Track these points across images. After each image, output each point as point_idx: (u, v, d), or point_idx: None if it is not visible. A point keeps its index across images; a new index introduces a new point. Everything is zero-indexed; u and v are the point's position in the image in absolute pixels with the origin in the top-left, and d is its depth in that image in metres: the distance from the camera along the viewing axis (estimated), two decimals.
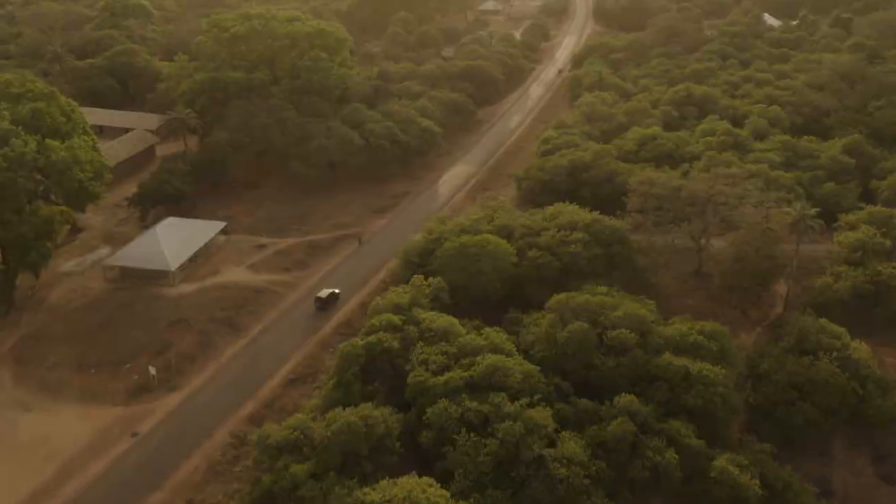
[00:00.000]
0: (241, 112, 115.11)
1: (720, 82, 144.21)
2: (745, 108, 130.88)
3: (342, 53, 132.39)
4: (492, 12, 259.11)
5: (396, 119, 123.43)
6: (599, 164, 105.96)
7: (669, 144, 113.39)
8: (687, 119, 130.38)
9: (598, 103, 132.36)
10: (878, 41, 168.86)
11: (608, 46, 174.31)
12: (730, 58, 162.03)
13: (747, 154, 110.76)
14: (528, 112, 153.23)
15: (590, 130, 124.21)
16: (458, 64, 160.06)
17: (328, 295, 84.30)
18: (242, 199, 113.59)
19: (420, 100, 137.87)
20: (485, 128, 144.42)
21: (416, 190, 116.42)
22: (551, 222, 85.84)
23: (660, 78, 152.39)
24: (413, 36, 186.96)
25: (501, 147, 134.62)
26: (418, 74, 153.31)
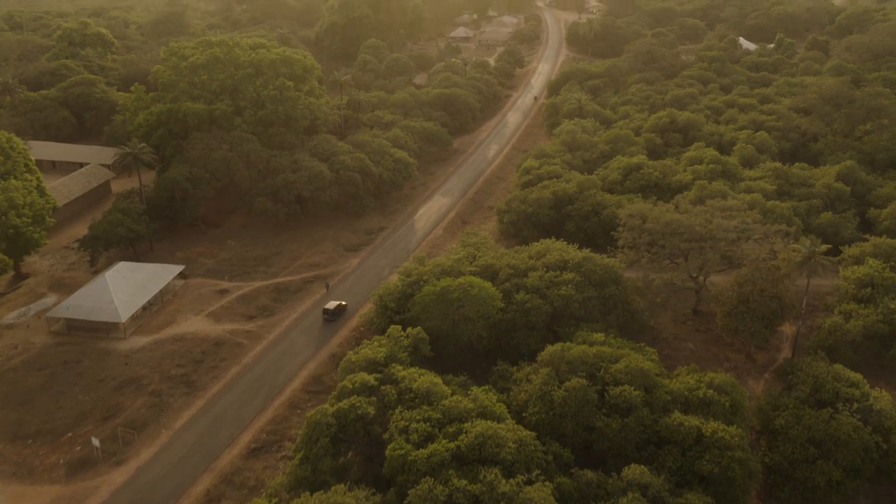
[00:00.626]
0: (201, 145, 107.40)
1: (702, 108, 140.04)
2: (730, 134, 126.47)
3: (310, 82, 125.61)
4: (463, 39, 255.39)
5: (368, 150, 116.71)
6: (584, 195, 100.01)
7: (656, 174, 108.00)
8: (671, 146, 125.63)
9: (579, 131, 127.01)
10: (858, 64, 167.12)
11: (585, 72, 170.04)
12: (710, 83, 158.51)
13: (738, 183, 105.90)
14: (507, 140, 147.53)
15: (571, 160, 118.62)
16: (431, 92, 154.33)
17: (336, 307, 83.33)
18: (203, 238, 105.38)
19: (393, 129, 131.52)
20: (462, 157, 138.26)
21: (391, 225, 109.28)
22: (539, 261, 79.19)
23: (640, 104, 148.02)
24: (384, 63, 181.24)
25: (480, 177, 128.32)
26: (390, 103, 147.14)
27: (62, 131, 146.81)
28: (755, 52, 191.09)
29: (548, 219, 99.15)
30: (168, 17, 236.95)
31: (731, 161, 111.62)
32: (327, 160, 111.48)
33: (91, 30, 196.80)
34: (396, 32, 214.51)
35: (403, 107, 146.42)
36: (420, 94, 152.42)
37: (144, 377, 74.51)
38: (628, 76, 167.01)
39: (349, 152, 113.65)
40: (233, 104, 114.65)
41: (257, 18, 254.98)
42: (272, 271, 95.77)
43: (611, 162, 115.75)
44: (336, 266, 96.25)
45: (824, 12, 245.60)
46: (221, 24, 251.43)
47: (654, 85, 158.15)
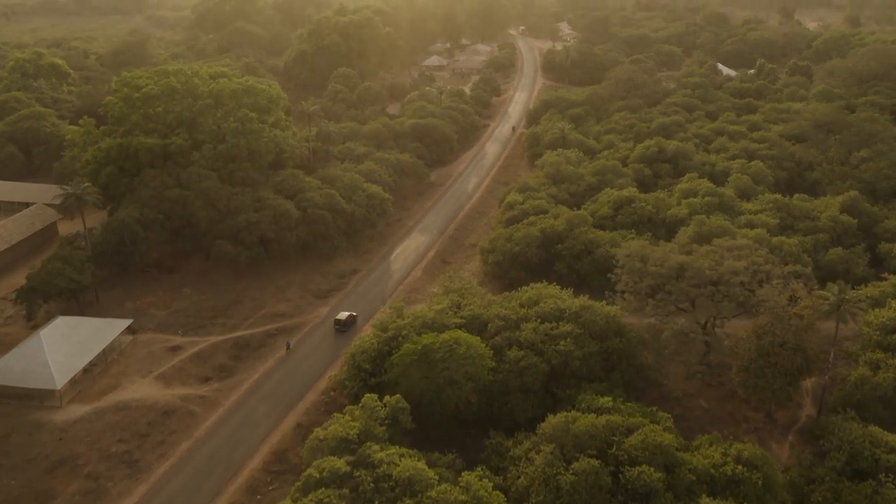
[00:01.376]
0: (154, 183, 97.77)
1: (690, 136, 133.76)
2: (722, 163, 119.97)
3: (275, 113, 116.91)
4: (436, 68, 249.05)
5: (339, 185, 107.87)
6: (575, 233, 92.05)
7: (649, 208, 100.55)
8: (661, 177, 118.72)
9: (563, 162, 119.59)
10: (844, 89, 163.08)
11: (565, 101, 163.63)
12: (695, 110, 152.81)
13: (736, 217, 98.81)
14: (486, 172, 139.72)
15: (557, 193, 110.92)
16: (405, 122, 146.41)
17: (347, 317, 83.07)
18: (156, 286, 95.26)
19: (365, 162, 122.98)
20: (440, 191, 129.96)
21: (365, 267, 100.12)
22: (531, 310, 70.61)
23: (624, 133, 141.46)
24: (355, 93, 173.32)
25: (459, 212, 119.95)
26: (362, 134, 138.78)
27: (9, 168, 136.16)
28: (737, 78, 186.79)
29: (536, 258, 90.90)
30: (129, 47, 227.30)
31: (727, 193, 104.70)
32: (294, 197, 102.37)
33: (45, 60, 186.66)
34: (368, 61, 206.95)
35: (376, 138, 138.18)
36: (394, 125, 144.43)
37: (80, 456, 64.25)
38: (610, 104, 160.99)
39: (318, 188, 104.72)
40: (190, 138, 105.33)
41: (224, 48, 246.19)
42: (231, 323, 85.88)
43: (599, 195, 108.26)
44: (303, 316, 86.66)
45: (801, 38, 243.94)
46: (185, 54, 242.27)
47: (637, 113, 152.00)
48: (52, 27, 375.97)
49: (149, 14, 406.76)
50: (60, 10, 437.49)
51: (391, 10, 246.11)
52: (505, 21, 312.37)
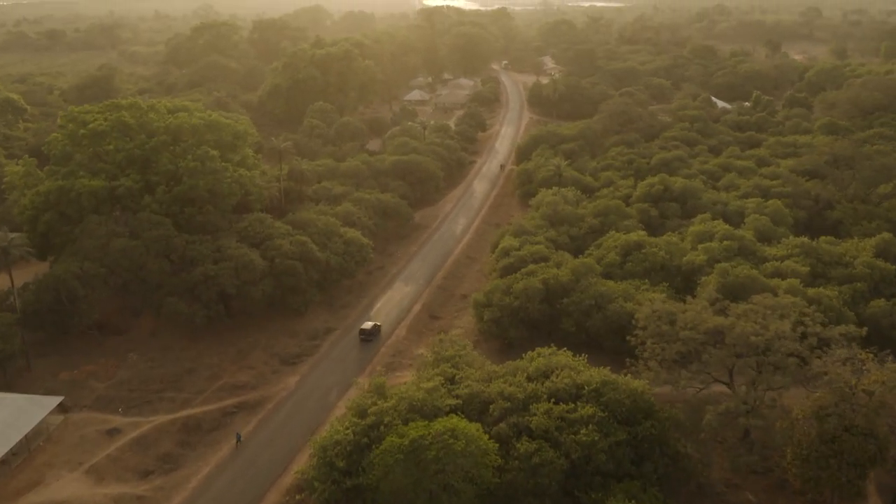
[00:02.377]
0: (98, 232, 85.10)
1: (695, 172, 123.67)
2: (735, 202, 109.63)
3: (242, 150, 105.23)
4: (418, 102, 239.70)
5: (313, 231, 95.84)
6: (582, 285, 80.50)
7: (661, 254, 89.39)
8: (669, 218, 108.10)
9: (561, 202, 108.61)
10: (848, 121, 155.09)
11: (557, 135, 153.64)
12: (696, 144, 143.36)
13: (761, 263, 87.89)
14: (475, 213, 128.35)
15: (556, 237, 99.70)
16: (387, 159, 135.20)
17: (372, 327, 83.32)
18: (99, 352, 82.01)
19: (343, 203, 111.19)
20: (425, 234, 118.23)
21: (341, 324, 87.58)
22: (542, 386, 58.45)
23: (623, 169, 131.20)
24: (333, 128, 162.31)
25: (448, 258, 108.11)
26: (340, 172, 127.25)
27: None
28: (734, 110, 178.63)
29: (538, 314, 79.13)
30: (94, 82, 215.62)
31: (747, 236, 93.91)
32: (260, 245, 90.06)
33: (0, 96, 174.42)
34: (347, 95, 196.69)
35: (355, 177, 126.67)
36: (374, 162, 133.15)
37: None
38: (604, 138, 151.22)
39: (288, 235, 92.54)
40: (142, 179, 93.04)
41: (195, 82, 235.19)
42: (182, 398, 72.71)
43: (604, 239, 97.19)
44: (267, 388, 73.68)
45: (792, 69, 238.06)
46: (155, 89, 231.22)
47: (635, 147, 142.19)
48: (21, 62, 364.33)
49: (122, 49, 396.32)
50: (31, 46, 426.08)
51: (371, 43, 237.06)
52: (487, 55, 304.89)
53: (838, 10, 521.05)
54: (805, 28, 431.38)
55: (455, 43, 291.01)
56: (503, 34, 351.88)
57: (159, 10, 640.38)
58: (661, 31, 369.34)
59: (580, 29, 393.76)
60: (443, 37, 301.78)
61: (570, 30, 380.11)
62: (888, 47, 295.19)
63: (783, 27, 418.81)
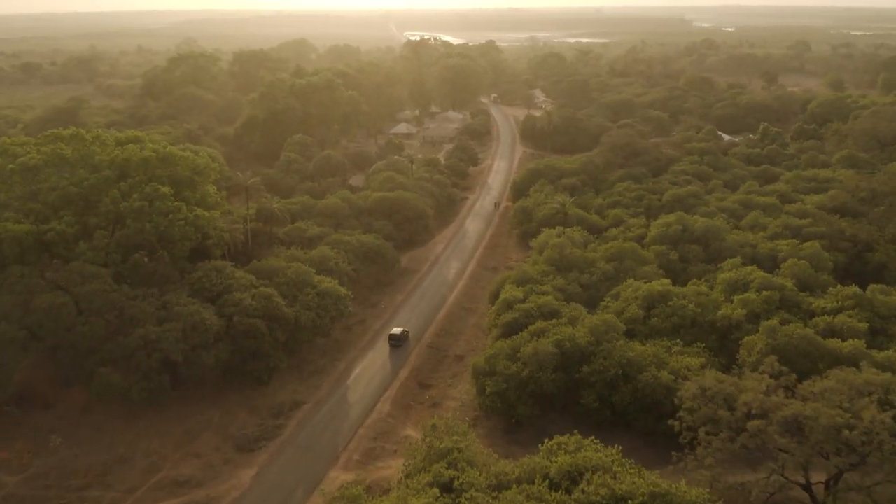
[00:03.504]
0: (18, 287, 70.58)
1: (713, 210, 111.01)
2: (765, 244, 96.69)
3: (202, 187, 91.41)
4: (405, 136, 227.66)
5: (282, 281, 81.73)
6: (604, 349, 66.68)
7: (691, 307, 75.94)
8: (691, 262, 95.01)
9: (568, 245, 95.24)
10: (866, 153, 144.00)
11: (556, 169, 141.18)
12: (710, 179, 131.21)
13: (808, 319, 74.66)
14: (469, 255, 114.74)
15: (565, 285, 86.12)
16: (371, 195, 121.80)
17: (401, 332, 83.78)
18: (17, 432, 66.93)
19: (319, 246, 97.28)
20: (413, 280, 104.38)
21: (312, 396, 73.03)
22: (570, 497, 44.18)
23: (632, 207, 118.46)
24: (312, 162, 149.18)
25: (440, 309, 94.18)
26: (317, 211, 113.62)
27: None
28: (741, 143, 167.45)
29: (552, 386, 65.08)
30: (59, 114, 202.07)
31: (787, 285, 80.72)
32: (217, 300, 75.75)
33: None
34: (329, 128, 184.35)
35: (335, 216, 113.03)
36: (356, 200, 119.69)
37: None
38: (608, 173, 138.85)
39: (251, 286, 78.34)
40: (79, 222, 78.80)
41: (169, 115, 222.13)
42: (110, 498, 57.73)
43: (621, 288, 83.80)
44: (216, 485, 58.72)
45: (795, 101, 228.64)
46: (126, 122, 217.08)
47: (643, 183, 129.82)
48: None
49: (99, 83, 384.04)
50: (6, 80, 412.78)
51: (355, 73, 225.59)
52: (476, 88, 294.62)
53: (825, 45, 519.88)
54: (796, 61, 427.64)
55: (443, 75, 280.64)
56: (492, 67, 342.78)
57: (143, 45, 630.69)
58: (652, 64, 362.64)
59: (570, 62, 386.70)
60: (430, 68, 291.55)
61: (560, 63, 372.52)
62: (885, 79, 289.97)
63: (774, 60, 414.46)
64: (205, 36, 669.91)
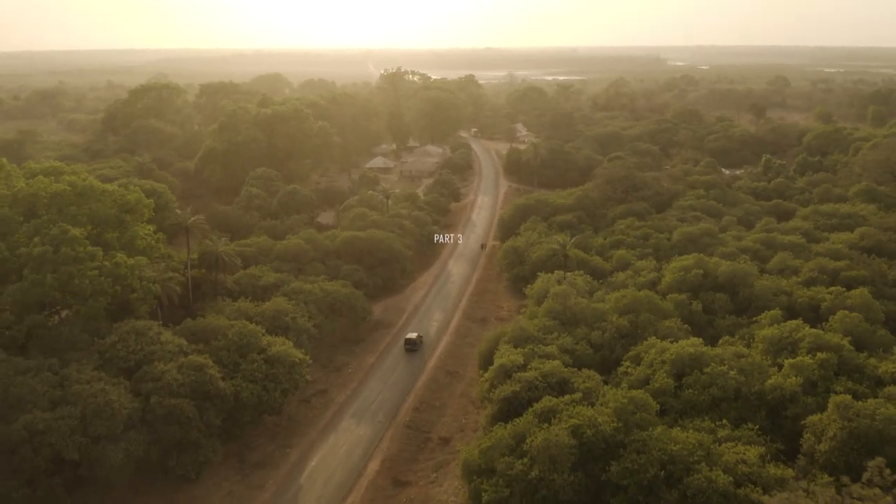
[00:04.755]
0: None
1: (733, 251, 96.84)
2: (801, 291, 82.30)
3: (131, 228, 75.32)
4: (382, 170, 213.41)
5: (221, 344, 65.45)
6: (637, 438, 51.01)
7: (732, 374, 60.83)
8: (717, 314, 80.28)
9: (573, 294, 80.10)
10: (885, 185, 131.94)
11: (548, 205, 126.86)
12: (721, 215, 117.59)
13: (877, 387, 59.93)
14: (454, 304, 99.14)
15: (574, 346, 70.66)
16: (339, 235, 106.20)
17: (417, 337, 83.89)
18: None
19: (275, 297, 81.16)
20: (388, 336, 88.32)
21: (256, 499, 56.29)
22: None
23: (638, 247, 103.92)
24: (276, 198, 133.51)
25: (420, 375, 78.14)
26: (276, 254, 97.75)
27: None
28: (744, 176, 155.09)
29: (571, 491, 49.03)
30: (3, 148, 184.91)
31: (843, 344, 65.99)
32: (133, 373, 59.22)
33: None
34: (298, 162, 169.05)
35: (296, 259, 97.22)
36: (322, 240, 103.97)
37: None
38: (607, 209, 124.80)
39: (180, 353, 61.96)
40: None
41: (126, 148, 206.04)
42: None
43: (641, 349, 68.51)
44: None
45: (791, 133, 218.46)
46: (79, 156, 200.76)
47: (647, 219, 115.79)
48: None
49: (62, 117, 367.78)
50: None
51: (327, 104, 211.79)
52: (456, 121, 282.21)
53: (802, 81, 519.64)
54: (778, 96, 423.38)
55: (421, 108, 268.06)
56: (471, 101, 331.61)
57: (113, 80, 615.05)
58: (635, 98, 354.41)
59: (550, 96, 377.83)
60: (408, 101, 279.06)
61: (541, 97, 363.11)
62: (875, 111, 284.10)
63: (756, 95, 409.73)
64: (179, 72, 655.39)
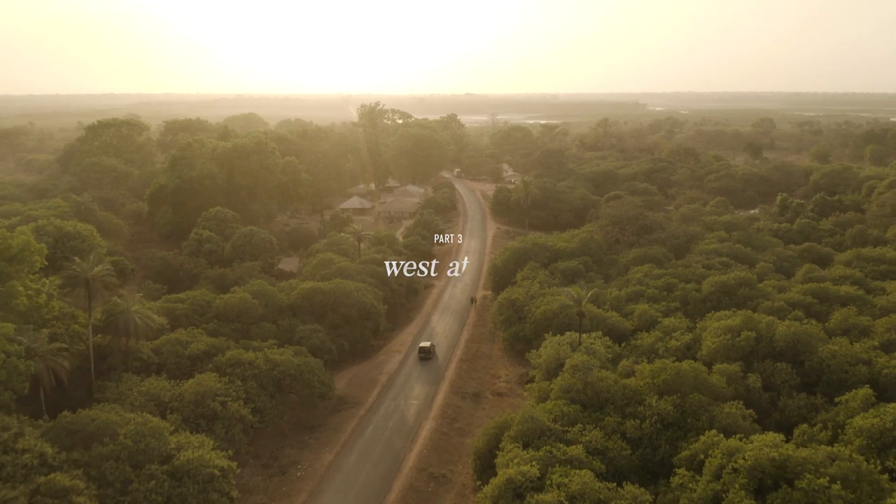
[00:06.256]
0: None
1: (782, 305, 78.79)
2: (884, 360, 64.16)
3: (6, 284, 55.82)
4: (358, 211, 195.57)
5: (106, 453, 45.59)
6: None
7: (836, 489, 42.34)
8: (783, 391, 61.87)
9: (595, 366, 61.31)
10: None
11: (548, 249, 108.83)
12: (753, 262, 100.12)
13: None
14: (438, 374, 79.55)
15: (603, 443, 51.69)
16: (297, 287, 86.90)
17: (430, 345, 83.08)
18: None
19: (201, 374, 61.46)
20: (352, 423, 68.40)
21: None
22: None
23: (663, 301, 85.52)
24: (231, 241, 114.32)
25: (394, 479, 58.30)
26: (216, 311, 78.20)
27: None
28: (760, 216, 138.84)
29: None
30: None
31: None
32: None
33: None
34: (262, 201, 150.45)
35: (241, 317, 77.79)
36: (275, 293, 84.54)
37: None
38: (617, 253, 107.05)
39: (38, 469, 42.02)
40: None
41: (76, 188, 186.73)
42: None
43: (698, 448, 49.76)
44: None
45: (798, 172, 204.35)
46: (22, 196, 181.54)
47: (666, 266, 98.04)
48: None
49: (20, 157, 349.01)
50: None
51: (297, 139, 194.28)
52: (438, 161, 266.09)
53: (785, 124, 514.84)
54: (766, 137, 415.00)
55: (401, 146, 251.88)
56: (454, 140, 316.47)
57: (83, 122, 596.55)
58: (624, 138, 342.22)
59: (535, 136, 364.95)
60: (388, 139, 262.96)
61: (525, 137, 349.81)
62: (874, 150, 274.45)
63: (744, 137, 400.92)
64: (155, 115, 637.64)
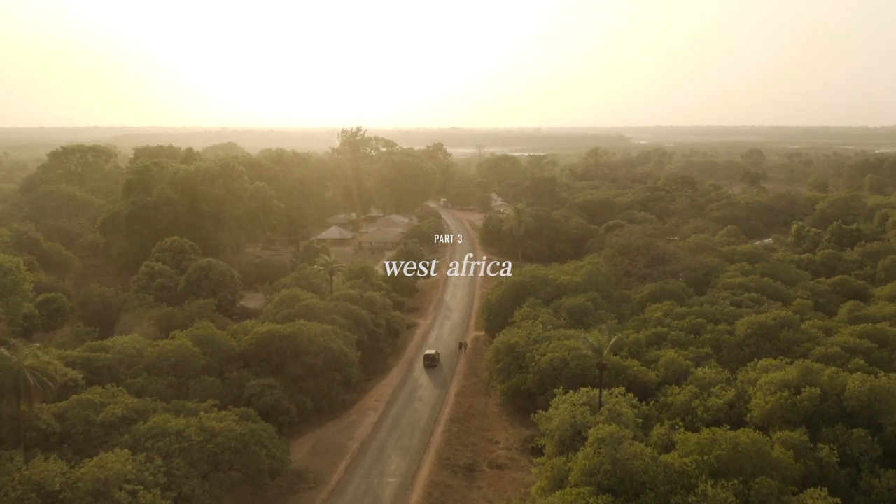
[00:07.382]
0: None
1: (837, 351, 65.37)
2: None
3: None
4: (337, 241, 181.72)
5: None
6: None
7: None
8: (861, 465, 48.11)
9: (627, 437, 47.31)
10: None
11: (549, 283, 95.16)
12: (787, 298, 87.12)
13: None
14: (423, 438, 64.94)
15: None
16: (252, 331, 72.25)
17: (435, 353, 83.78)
18: None
19: (119, 451, 46.85)
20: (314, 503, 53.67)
21: None
22: None
23: (690, 346, 71.78)
24: (185, 275, 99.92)
25: None
26: (147, 362, 63.52)
27: None
28: (777, 245, 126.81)
29: None
30: None
31: None
32: None
33: None
34: (229, 231, 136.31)
35: (178, 370, 63.12)
36: (224, 339, 69.81)
37: None
38: (628, 288, 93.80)
39: None
40: None
41: (33, 217, 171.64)
42: None
43: None
44: None
45: (802, 201, 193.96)
46: None
47: (688, 304, 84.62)
48: None
49: None
50: None
51: (271, 164, 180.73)
52: (424, 189, 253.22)
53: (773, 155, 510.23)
54: (757, 168, 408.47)
55: (385, 173, 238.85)
56: (440, 169, 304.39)
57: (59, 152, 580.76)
58: (615, 167, 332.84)
59: (524, 166, 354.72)
60: (371, 166, 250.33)
61: (514, 166, 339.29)
62: (873, 180, 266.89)
63: (735, 167, 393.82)
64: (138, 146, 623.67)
